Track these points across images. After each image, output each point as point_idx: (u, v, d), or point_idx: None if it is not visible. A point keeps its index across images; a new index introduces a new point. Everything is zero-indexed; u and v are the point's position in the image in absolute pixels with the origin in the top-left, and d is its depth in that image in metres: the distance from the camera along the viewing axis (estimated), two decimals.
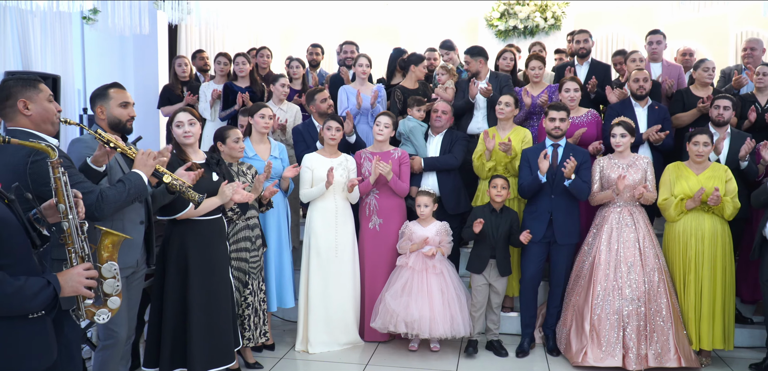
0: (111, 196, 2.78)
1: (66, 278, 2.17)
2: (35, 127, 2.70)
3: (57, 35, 6.18)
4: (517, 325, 4.97)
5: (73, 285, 2.17)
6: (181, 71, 6.48)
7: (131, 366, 3.70)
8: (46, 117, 2.73)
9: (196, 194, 3.10)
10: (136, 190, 2.86)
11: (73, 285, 2.17)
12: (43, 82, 2.78)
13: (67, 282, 2.16)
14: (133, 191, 2.85)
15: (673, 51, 7.22)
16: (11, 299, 1.99)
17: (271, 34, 10.34)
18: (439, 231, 4.70)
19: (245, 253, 4.21)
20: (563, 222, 4.52)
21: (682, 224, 4.38)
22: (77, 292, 2.19)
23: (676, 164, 4.53)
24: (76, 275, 2.19)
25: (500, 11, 10.21)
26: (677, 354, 4.24)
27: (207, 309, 3.68)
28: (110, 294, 2.36)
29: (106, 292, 2.35)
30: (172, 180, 3.00)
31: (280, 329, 5.21)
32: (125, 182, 2.84)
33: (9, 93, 2.66)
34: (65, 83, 6.12)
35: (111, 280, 2.36)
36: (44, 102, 2.72)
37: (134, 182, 2.85)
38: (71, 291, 2.18)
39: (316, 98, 5.25)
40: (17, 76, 2.88)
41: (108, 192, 2.77)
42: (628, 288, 4.32)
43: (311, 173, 4.72)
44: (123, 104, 3.19)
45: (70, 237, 2.24)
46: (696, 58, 6.32)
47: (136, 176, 2.87)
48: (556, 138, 4.59)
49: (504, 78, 5.63)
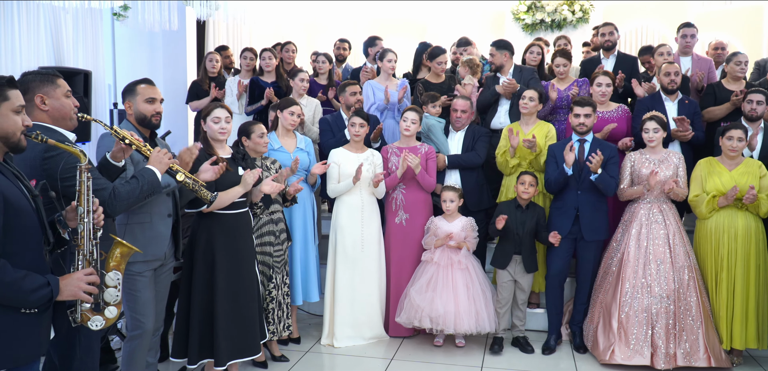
0: (123, 193, 2.80)
1: (67, 281, 2.21)
2: (53, 122, 2.73)
3: (88, 31, 6.28)
4: (544, 322, 4.93)
5: (72, 289, 2.22)
6: (211, 67, 6.55)
7: (160, 357, 3.76)
8: (63, 113, 2.75)
9: (208, 193, 3.11)
10: (149, 187, 2.87)
11: (72, 289, 2.22)
12: (61, 77, 2.79)
13: (67, 285, 2.21)
14: (146, 187, 2.86)
15: (704, 44, 7.07)
16: (8, 287, 2.04)
17: (296, 29, 10.39)
18: (465, 227, 4.68)
19: (269, 247, 4.25)
20: (590, 218, 4.47)
21: (715, 221, 4.30)
22: (76, 296, 2.23)
23: (708, 160, 4.44)
24: (76, 280, 2.23)
25: (527, 5, 10.12)
26: (707, 354, 4.17)
27: (233, 301, 3.73)
28: (109, 303, 2.38)
29: (106, 300, 2.37)
30: (185, 178, 3.02)
31: (306, 323, 5.25)
32: (138, 179, 2.85)
33: (27, 87, 2.66)
34: (96, 79, 6.22)
35: (112, 289, 2.39)
36: (62, 97, 2.75)
37: (147, 179, 2.87)
38: (70, 295, 2.22)
39: (347, 89, 5.27)
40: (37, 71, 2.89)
41: (121, 189, 2.79)
42: (657, 286, 4.25)
43: (338, 168, 4.73)
44: (149, 100, 3.22)
45: (81, 240, 2.29)
46: (728, 51, 6.19)
47: (149, 172, 2.89)
48: (582, 134, 4.54)
49: (529, 72, 5.57)
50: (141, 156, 3.01)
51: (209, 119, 3.77)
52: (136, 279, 3.19)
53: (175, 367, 4.08)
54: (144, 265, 3.21)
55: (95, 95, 6.14)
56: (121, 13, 6.19)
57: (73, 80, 5.18)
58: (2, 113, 2.14)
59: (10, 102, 2.16)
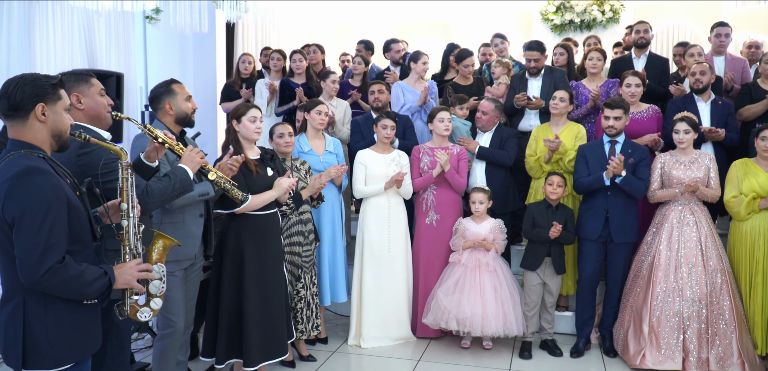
0: (156, 190, 2.84)
1: (120, 271, 2.27)
2: (88, 120, 2.79)
3: (121, 34, 6.39)
4: (572, 325, 4.88)
5: (126, 278, 2.28)
6: (244, 68, 6.61)
7: (190, 355, 3.81)
8: (97, 111, 2.82)
9: (240, 193, 3.14)
10: (181, 185, 2.91)
11: (126, 278, 2.28)
12: (95, 77, 2.86)
13: (121, 274, 2.27)
14: (178, 185, 2.90)
15: (739, 43, 6.93)
16: (74, 281, 2.11)
17: (325, 31, 10.44)
18: (493, 228, 4.66)
19: (298, 247, 4.27)
20: (620, 220, 4.41)
21: (750, 224, 4.22)
22: (129, 285, 2.30)
23: (743, 161, 4.35)
24: (129, 270, 2.30)
25: (556, 5, 10.01)
26: (741, 359, 4.08)
27: (262, 302, 3.75)
28: (154, 294, 2.44)
29: (151, 292, 2.43)
30: (217, 178, 3.05)
31: (333, 323, 5.27)
32: (171, 177, 2.89)
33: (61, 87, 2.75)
34: (128, 81, 6.33)
35: (157, 281, 2.44)
36: (96, 96, 2.82)
37: (180, 177, 2.90)
38: (124, 283, 2.28)
39: (374, 88, 5.29)
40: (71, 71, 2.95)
41: (154, 186, 2.84)
42: (688, 290, 4.18)
43: (364, 169, 4.75)
44: (188, 98, 3.32)
45: (127, 234, 2.35)
46: (763, 50, 6.06)
47: (181, 171, 2.92)
48: (612, 136, 4.48)
49: (559, 73, 5.52)
50: (174, 155, 3.05)
51: (245, 118, 3.76)
52: (168, 278, 3.21)
53: (204, 366, 4.13)
54: (175, 264, 3.25)
55: (127, 97, 6.25)
56: (153, 15, 6.29)
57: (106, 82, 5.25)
58: (57, 112, 2.22)
59: (62, 101, 2.24)
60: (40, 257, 2.04)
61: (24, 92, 2.14)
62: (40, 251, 2.04)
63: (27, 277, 2.06)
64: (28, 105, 2.15)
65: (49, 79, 2.21)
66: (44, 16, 5.45)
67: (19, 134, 2.18)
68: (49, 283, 2.07)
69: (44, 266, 2.04)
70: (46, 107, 2.18)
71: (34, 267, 2.04)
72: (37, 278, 2.04)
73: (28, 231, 2.04)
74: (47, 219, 2.06)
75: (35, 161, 2.12)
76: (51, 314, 2.15)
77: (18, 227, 2.05)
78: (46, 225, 2.05)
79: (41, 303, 2.14)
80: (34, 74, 2.21)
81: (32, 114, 2.16)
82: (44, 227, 2.05)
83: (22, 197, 2.05)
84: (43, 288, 2.09)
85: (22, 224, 2.04)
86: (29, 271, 2.05)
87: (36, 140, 2.19)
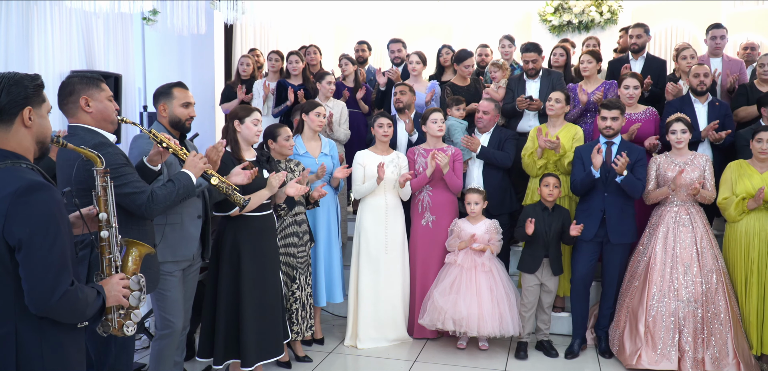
0: (161, 196, 2.85)
1: (108, 288, 2.09)
2: (96, 124, 2.80)
3: (119, 35, 6.41)
4: (568, 326, 4.89)
5: (115, 294, 2.09)
6: (242, 69, 6.63)
7: (186, 356, 3.82)
8: (106, 115, 2.82)
9: (241, 197, 3.15)
10: (184, 190, 2.93)
11: (115, 294, 2.09)
12: (104, 82, 2.87)
13: (110, 291, 2.08)
14: (181, 191, 2.91)
15: (735, 45, 6.94)
16: (81, 304, 1.94)
17: (324, 32, 10.45)
18: (489, 229, 4.67)
19: (293, 248, 4.28)
20: (617, 221, 4.42)
21: (745, 224, 4.22)
22: (118, 302, 2.11)
23: (738, 163, 4.37)
24: (116, 285, 2.11)
25: (554, 6, 10.02)
26: (736, 359, 4.09)
27: (259, 303, 3.77)
28: (134, 306, 2.21)
29: (132, 304, 2.20)
30: (219, 182, 3.06)
31: (330, 324, 5.28)
32: (175, 182, 2.91)
33: (72, 89, 2.75)
34: (126, 82, 6.35)
35: (137, 292, 2.20)
36: (105, 100, 2.82)
37: (183, 183, 2.92)
38: (114, 300, 2.09)
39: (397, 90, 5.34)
40: (81, 74, 2.97)
41: (158, 192, 2.85)
42: (684, 290, 4.19)
43: (363, 170, 4.76)
44: (185, 104, 3.30)
45: (108, 246, 2.16)
46: (760, 52, 6.07)
47: (185, 176, 2.94)
48: (609, 137, 4.49)
49: (556, 75, 5.54)
50: (175, 159, 3.07)
51: (248, 120, 3.79)
52: (166, 278, 3.24)
53: (200, 366, 4.14)
54: (174, 265, 3.26)
55: (125, 98, 6.27)
56: (151, 17, 6.30)
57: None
58: (42, 115, 2.03)
59: (46, 104, 2.05)
60: (54, 280, 1.84)
61: (10, 94, 1.92)
62: (53, 274, 1.84)
63: (39, 304, 1.85)
64: (15, 109, 1.93)
65: (33, 79, 2.00)
66: (42, 17, 5.47)
67: (2, 141, 1.94)
68: (62, 309, 1.87)
69: (59, 291, 1.85)
70: (33, 111, 1.97)
71: (47, 292, 1.84)
72: (52, 303, 1.84)
73: (38, 253, 1.83)
74: (58, 240, 1.87)
75: (32, 174, 1.91)
76: (47, 342, 1.93)
77: (27, 250, 1.83)
78: (57, 246, 1.86)
79: (36, 330, 1.91)
80: (16, 74, 1.97)
81: (18, 119, 1.94)
82: (56, 248, 1.85)
83: (27, 216, 1.83)
84: (54, 314, 1.88)
85: (33, 246, 1.83)
86: (41, 296, 1.84)
87: (20, 147, 1.96)
